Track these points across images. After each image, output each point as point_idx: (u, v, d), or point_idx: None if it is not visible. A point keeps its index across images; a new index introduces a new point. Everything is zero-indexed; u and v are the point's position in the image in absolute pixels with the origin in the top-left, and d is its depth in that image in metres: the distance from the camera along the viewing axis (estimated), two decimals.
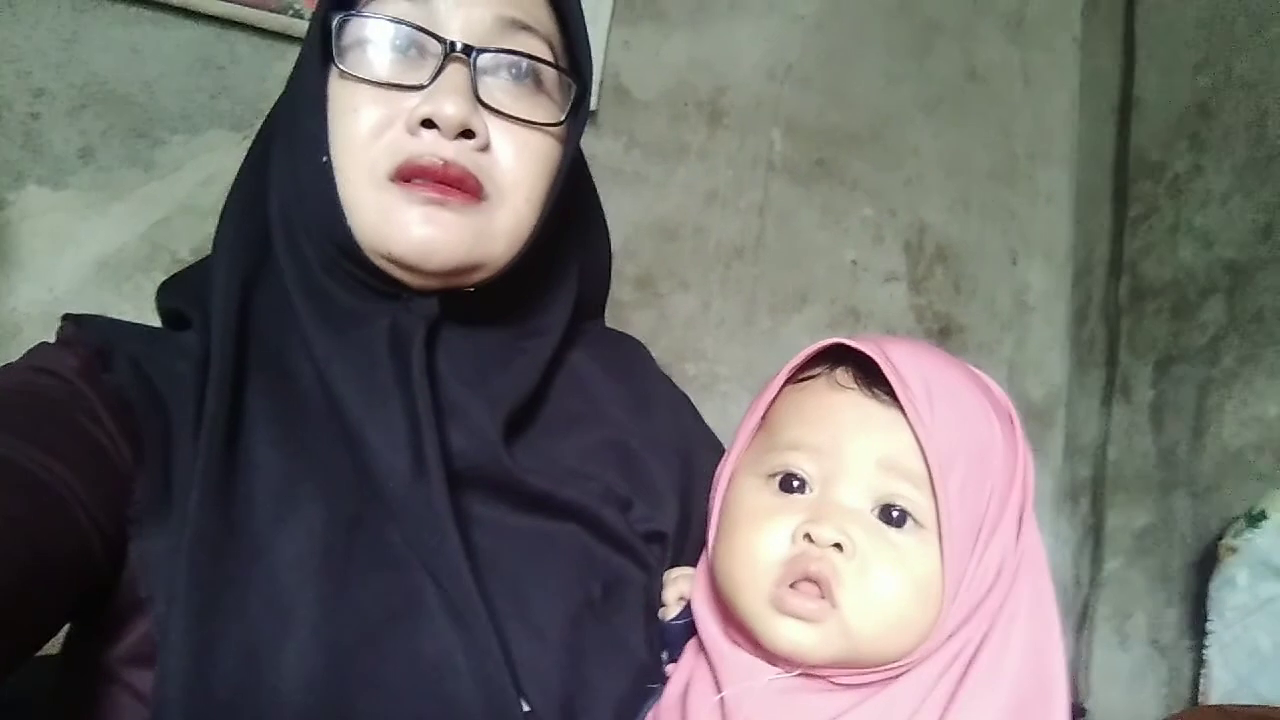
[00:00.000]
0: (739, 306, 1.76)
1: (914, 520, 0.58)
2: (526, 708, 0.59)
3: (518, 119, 0.66)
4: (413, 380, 0.62)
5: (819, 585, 0.57)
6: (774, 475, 0.61)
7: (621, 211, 1.66)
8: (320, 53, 0.65)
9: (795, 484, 0.60)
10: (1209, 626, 1.45)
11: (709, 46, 1.77)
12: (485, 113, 0.65)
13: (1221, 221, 1.65)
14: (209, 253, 0.71)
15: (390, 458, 0.61)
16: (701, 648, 0.63)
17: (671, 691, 0.63)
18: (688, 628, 0.65)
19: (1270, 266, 1.55)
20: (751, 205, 1.78)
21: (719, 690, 0.59)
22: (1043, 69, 2.03)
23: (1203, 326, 1.65)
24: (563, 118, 0.69)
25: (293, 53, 1.48)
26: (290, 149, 0.69)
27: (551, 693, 0.60)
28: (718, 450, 0.81)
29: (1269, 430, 1.51)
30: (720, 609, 0.62)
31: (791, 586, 0.57)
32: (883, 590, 0.57)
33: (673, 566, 0.73)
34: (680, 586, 0.68)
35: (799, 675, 0.58)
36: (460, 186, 0.63)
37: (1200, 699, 1.43)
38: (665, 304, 1.71)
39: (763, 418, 0.66)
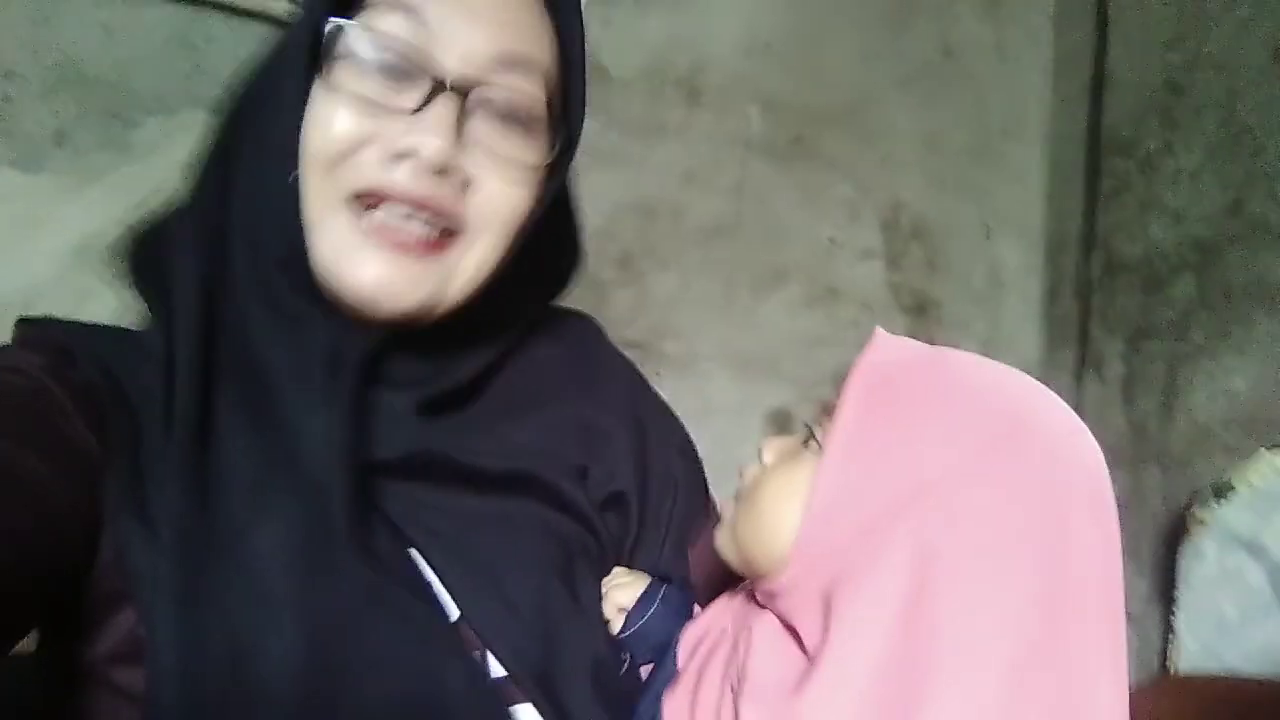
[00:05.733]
0: (718, 285, 1.77)
1: None
2: (503, 673, 0.62)
3: (500, 158, 0.65)
4: (339, 400, 0.62)
5: None
6: None
7: (601, 191, 1.66)
8: (306, 59, 0.62)
9: None
10: (1177, 596, 1.48)
11: (687, 24, 1.76)
12: (468, 148, 0.63)
13: (1192, 198, 1.67)
14: None
15: (321, 468, 0.61)
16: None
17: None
18: (640, 634, 0.69)
19: (1239, 243, 1.57)
20: (729, 184, 1.78)
21: None
22: (1016, 46, 2.04)
23: (1173, 303, 1.68)
24: (547, 160, 0.68)
25: (267, 32, 1.46)
26: (259, 155, 0.66)
27: (529, 661, 0.63)
28: (666, 411, 0.87)
29: (1237, 404, 1.54)
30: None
31: None
32: None
33: (639, 524, 0.77)
34: (616, 598, 0.71)
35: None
36: (434, 218, 0.62)
37: (1168, 669, 1.47)
38: (645, 283, 1.71)
39: None
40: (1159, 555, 1.61)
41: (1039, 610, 0.52)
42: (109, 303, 0.71)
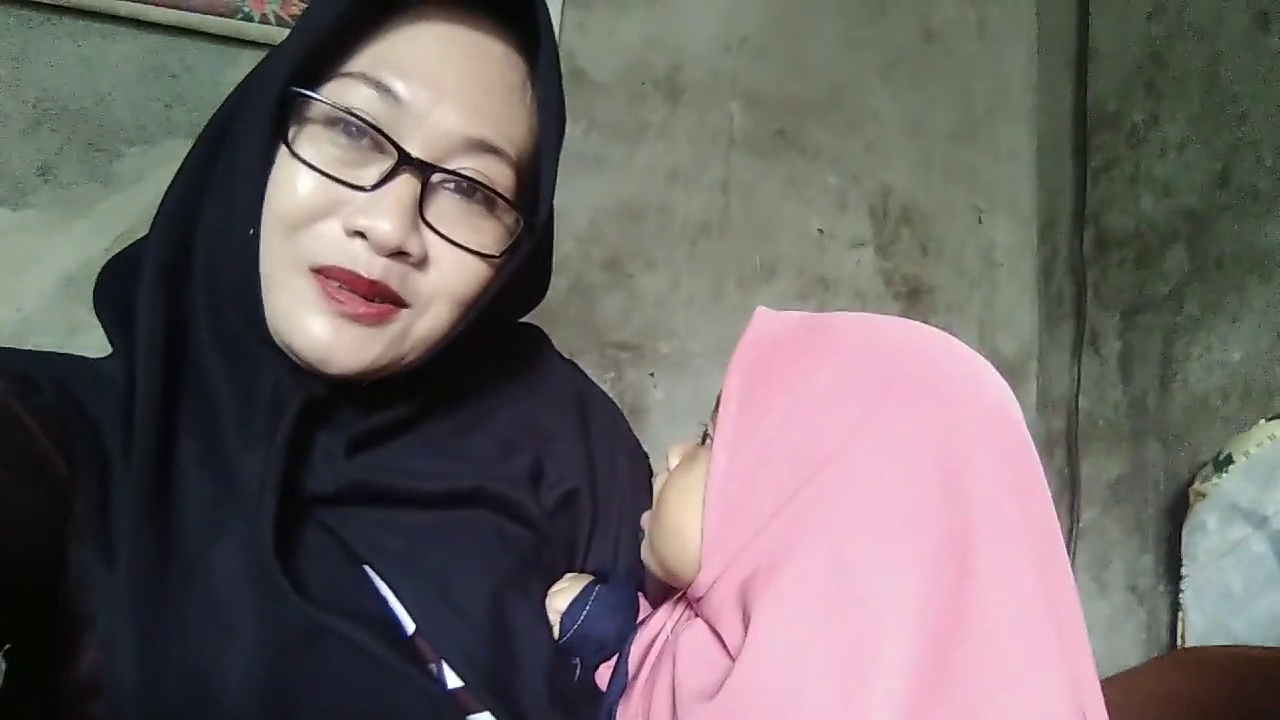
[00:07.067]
0: (707, 283, 1.77)
1: None
2: (460, 683, 0.63)
3: (456, 244, 0.65)
4: (275, 441, 0.62)
5: None
6: None
7: (585, 195, 1.67)
8: (270, 126, 0.62)
9: None
10: (1183, 571, 1.47)
11: (663, 23, 1.77)
12: (425, 228, 0.63)
13: (1179, 170, 1.67)
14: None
15: (253, 503, 0.61)
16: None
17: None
18: (581, 637, 0.69)
19: (1228, 213, 1.56)
20: (714, 181, 1.79)
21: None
22: (999, 25, 2.03)
23: (1166, 275, 1.67)
24: (505, 246, 0.68)
25: (244, 56, 1.47)
26: (224, 201, 0.66)
27: (484, 669, 0.63)
28: (614, 416, 0.88)
29: (1233, 375, 1.54)
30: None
31: None
32: None
33: (592, 523, 0.78)
34: (552, 604, 0.71)
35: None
36: (381, 298, 0.63)
37: (1178, 643, 1.47)
38: (634, 285, 1.72)
39: None
40: (1163, 530, 1.60)
41: (949, 563, 0.49)
42: (99, 335, 0.71)
